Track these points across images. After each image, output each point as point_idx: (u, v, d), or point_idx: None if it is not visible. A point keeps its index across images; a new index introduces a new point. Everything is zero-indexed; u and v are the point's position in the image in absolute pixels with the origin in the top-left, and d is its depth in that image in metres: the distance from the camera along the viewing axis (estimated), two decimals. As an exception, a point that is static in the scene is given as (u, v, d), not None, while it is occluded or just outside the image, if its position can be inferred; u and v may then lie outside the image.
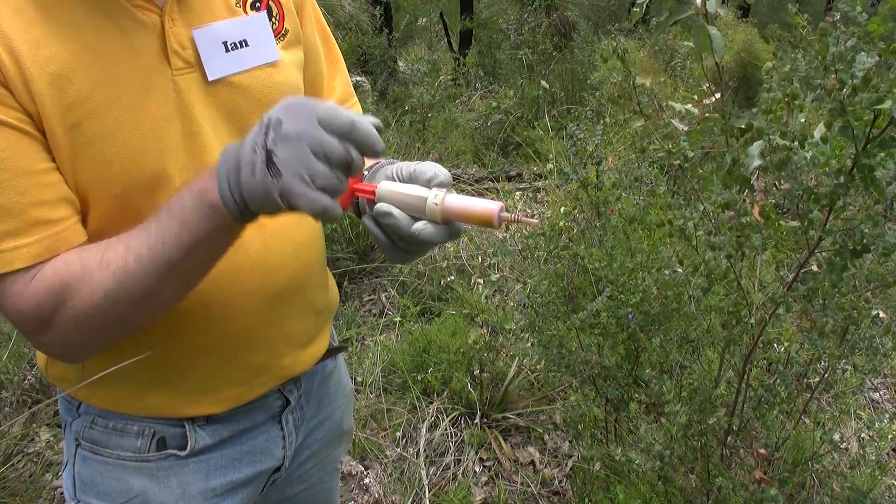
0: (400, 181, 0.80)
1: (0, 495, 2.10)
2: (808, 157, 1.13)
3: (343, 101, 1.17)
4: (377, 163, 0.92)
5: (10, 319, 0.83)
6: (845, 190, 1.08)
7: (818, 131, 1.14)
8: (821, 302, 1.31)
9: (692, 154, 1.39)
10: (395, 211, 0.76)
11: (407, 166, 0.81)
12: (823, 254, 1.22)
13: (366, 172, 0.88)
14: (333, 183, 0.69)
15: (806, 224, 1.15)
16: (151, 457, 0.99)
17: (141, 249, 0.77)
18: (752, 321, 1.31)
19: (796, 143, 1.14)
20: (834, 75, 1.04)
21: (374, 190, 0.79)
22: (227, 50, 0.91)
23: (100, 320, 0.80)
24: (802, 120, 1.15)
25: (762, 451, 1.48)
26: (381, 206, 0.77)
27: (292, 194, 0.68)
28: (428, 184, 0.78)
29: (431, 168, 0.79)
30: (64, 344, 0.84)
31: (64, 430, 1.06)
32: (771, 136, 1.16)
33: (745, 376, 1.45)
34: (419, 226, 0.75)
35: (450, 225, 0.77)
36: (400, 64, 7.49)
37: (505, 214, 0.77)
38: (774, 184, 1.25)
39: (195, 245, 0.76)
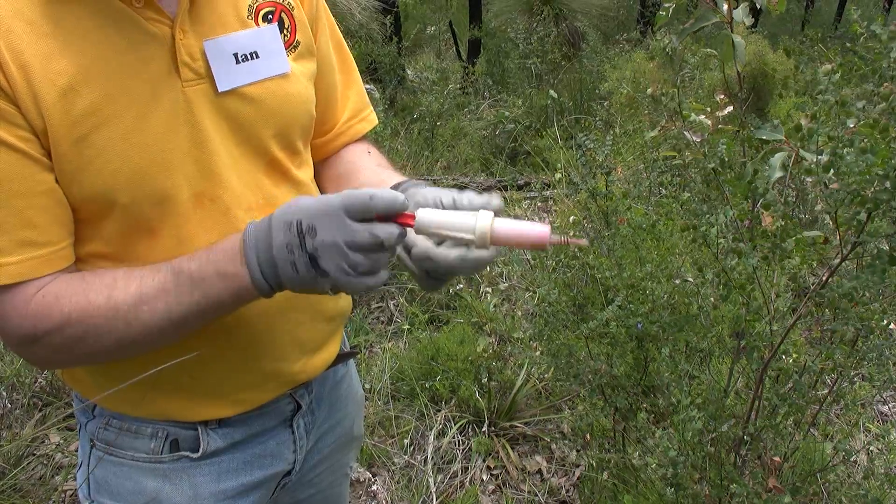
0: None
1: (11, 497, 2.11)
2: (857, 160, 1.12)
3: (357, 111, 1.17)
4: (405, 181, 0.94)
5: None
6: (890, 195, 1.08)
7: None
8: (833, 310, 1.31)
9: (727, 159, 1.39)
10: (433, 252, 0.81)
11: (447, 196, 0.84)
12: (847, 263, 1.23)
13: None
14: (372, 266, 0.78)
15: (854, 226, 1.15)
16: (165, 458, 1.00)
17: (157, 304, 0.82)
18: (773, 328, 1.31)
19: (843, 148, 1.14)
20: (888, 82, 1.05)
21: (413, 219, 0.78)
22: (237, 61, 0.91)
23: (94, 350, 0.86)
24: (851, 125, 1.15)
25: (776, 458, 1.48)
26: (419, 251, 0.82)
27: (339, 285, 0.78)
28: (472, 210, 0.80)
29: (477, 199, 0.82)
30: (47, 359, 0.89)
31: (79, 432, 1.06)
32: (819, 139, 1.16)
33: (761, 384, 1.45)
34: (461, 253, 0.80)
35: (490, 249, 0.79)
36: (409, 72, 7.52)
37: (554, 237, 0.76)
38: (797, 191, 1.25)
39: (215, 311, 0.85)
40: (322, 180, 1.17)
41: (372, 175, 1.07)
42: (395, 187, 0.94)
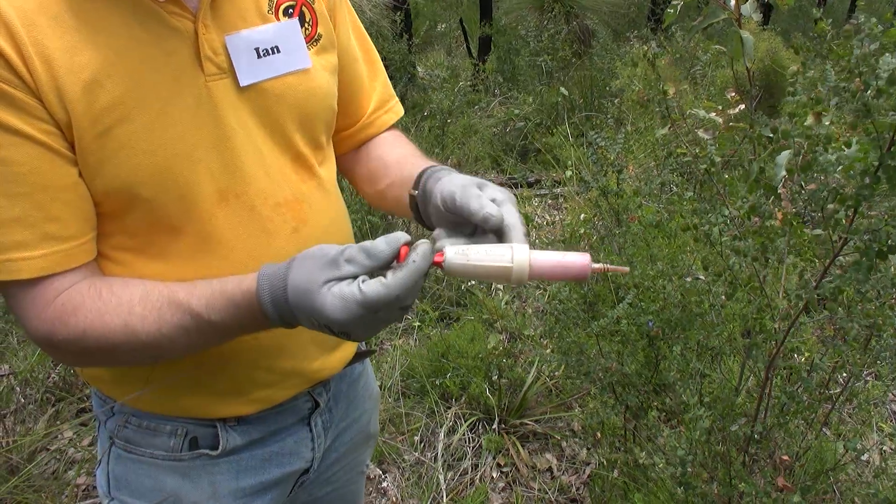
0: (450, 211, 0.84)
1: (25, 492, 2.13)
2: (834, 159, 1.12)
3: (383, 102, 1.17)
4: (429, 170, 0.96)
5: (21, 325, 0.87)
6: (870, 191, 1.08)
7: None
8: (846, 308, 1.31)
9: (718, 159, 1.39)
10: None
11: (469, 191, 0.84)
12: (848, 258, 1.22)
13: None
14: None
15: (832, 225, 1.15)
16: (184, 456, 1.01)
17: (179, 340, 0.85)
18: (776, 325, 1.30)
19: (821, 146, 1.14)
20: (858, 78, 1.04)
21: (441, 261, 0.75)
22: (259, 56, 0.92)
23: (113, 362, 0.92)
24: (827, 123, 1.15)
25: (786, 457, 1.47)
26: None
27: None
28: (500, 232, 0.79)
29: (499, 194, 0.86)
30: (66, 361, 1.01)
31: (98, 429, 1.07)
32: (796, 139, 1.16)
33: (768, 382, 1.45)
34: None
35: None
36: (419, 69, 7.51)
37: (596, 266, 0.73)
38: (801, 189, 1.25)
39: (231, 337, 0.89)
40: (355, 178, 1.17)
41: (398, 172, 1.08)
42: (420, 176, 0.96)
